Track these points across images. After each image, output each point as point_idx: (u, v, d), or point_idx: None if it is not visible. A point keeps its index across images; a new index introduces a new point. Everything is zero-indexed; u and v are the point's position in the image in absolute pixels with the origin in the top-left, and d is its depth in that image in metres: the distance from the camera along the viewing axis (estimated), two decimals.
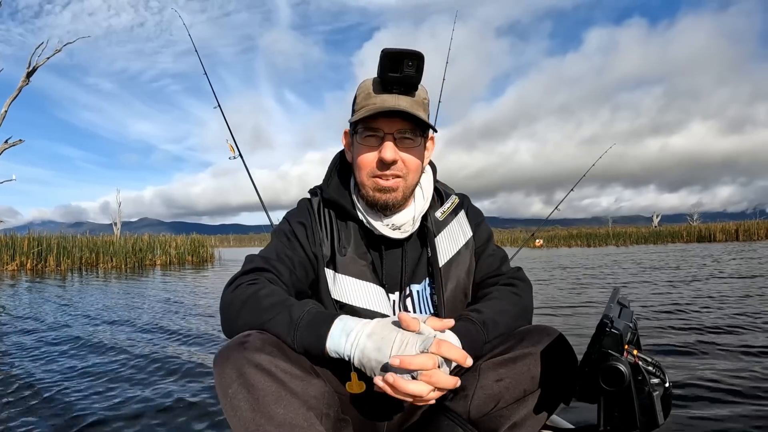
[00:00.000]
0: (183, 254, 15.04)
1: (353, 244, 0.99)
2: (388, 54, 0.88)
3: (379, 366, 0.75)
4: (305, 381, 0.77)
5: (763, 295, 4.69)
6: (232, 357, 0.75)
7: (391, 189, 0.95)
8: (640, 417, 0.72)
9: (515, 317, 0.93)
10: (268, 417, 0.72)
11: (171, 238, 15.63)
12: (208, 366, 2.47)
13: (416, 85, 0.92)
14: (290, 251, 0.97)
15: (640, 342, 0.82)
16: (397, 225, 0.99)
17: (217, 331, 3.45)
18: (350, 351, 0.77)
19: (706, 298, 4.52)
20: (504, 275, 1.03)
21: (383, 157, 0.92)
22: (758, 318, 3.43)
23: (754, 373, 2.12)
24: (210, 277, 9.63)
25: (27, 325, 3.85)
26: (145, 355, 2.76)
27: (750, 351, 2.53)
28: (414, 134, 0.94)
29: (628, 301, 0.87)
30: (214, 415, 1.79)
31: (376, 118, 0.92)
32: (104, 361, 2.67)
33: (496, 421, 0.84)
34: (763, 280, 5.96)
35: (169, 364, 2.55)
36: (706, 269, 7.97)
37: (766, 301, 4.26)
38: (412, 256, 1.02)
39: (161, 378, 2.32)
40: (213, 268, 12.30)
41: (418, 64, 0.88)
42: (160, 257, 14.40)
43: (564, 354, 0.84)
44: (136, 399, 1.99)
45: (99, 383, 2.23)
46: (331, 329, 0.78)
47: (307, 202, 1.06)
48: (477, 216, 1.09)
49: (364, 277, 0.96)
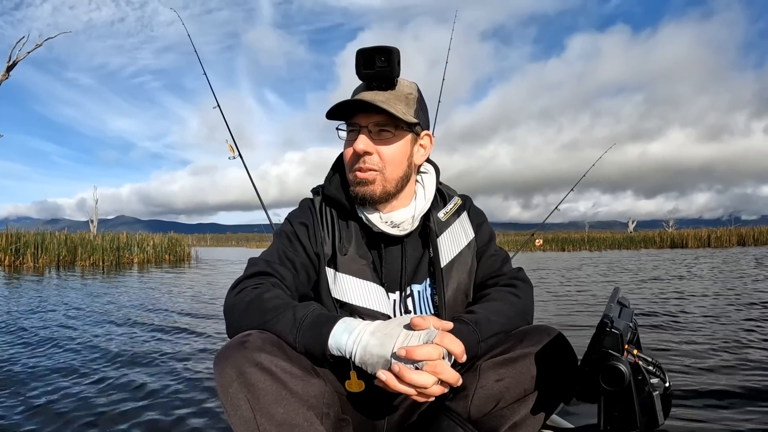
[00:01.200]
0: (160, 253, 14.93)
1: (354, 243, 0.99)
2: (362, 52, 0.92)
3: (381, 362, 0.76)
4: (305, 381, 0.77)
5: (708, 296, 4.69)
6: (233, 356, 0.75)
7: (367, 181, 0.96)
8: (641, 417, 0.72)
9: (512, 317, 0.93)
10: (269, 416, 0.72)
11: (148, 236, 15.52)
12: (206, 364, 2.48)
13: (392, 79, 0.94)
14: (292, 253, 0.98)
15: (640, 342, 0.82)
16: (396, 222, 0.99)
17: (209, 330, 3.45)
18: (352, 347, 0.77)
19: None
20: (504, 276, 1.03)
21: (354, 148, 0.95)
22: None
23: (755, 371, 2.12)
24: (189, 275, 9.57)
25: (25, 324, 3.84)
26: (145, 354, 2.76)
27: (746, 355, 2.53)
28: (393, 128, 0.95)
29: (628, 300, 0.87)
30: (215, 415, 1.79)
31: (356, 113, 0.95)
32: (100, 359, 2.67)
33: (497, 420, 0.84)
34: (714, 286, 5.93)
35: (168, 363, 2.55)
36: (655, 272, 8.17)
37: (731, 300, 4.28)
38: (413, 255, 1.03)
39: (159, 377, 2.32)
40: (190, 267, 12.30)
41: (390, 58, 0.91)
42: (138, 255, 14.25)
43: (564, 354, 0.84)
44: (134, 398, 1.99)
45: (89, 381, 2.23)
46: (334, 328, 0.79)
47: (309, 201, 1.07)
48: (479, 216, 1.10)
49: (365, 276, 0.96)
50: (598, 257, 15.69)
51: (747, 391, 1.89)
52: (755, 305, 4.18)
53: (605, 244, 24.87)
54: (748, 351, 2.57)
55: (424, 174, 1.07)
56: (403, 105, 0.95)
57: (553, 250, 23.39)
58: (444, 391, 0.77)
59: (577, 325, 3.60)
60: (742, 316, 3.65)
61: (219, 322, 3.84)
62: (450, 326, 0.83)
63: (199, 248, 20.61)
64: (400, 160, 0.98)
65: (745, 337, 2.93)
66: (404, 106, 0.95)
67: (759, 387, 1.93)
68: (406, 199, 1.02)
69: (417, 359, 0.74)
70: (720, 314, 3.79)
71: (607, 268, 10.19)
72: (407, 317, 0.82)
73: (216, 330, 3.54)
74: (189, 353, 2.83)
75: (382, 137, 0.96)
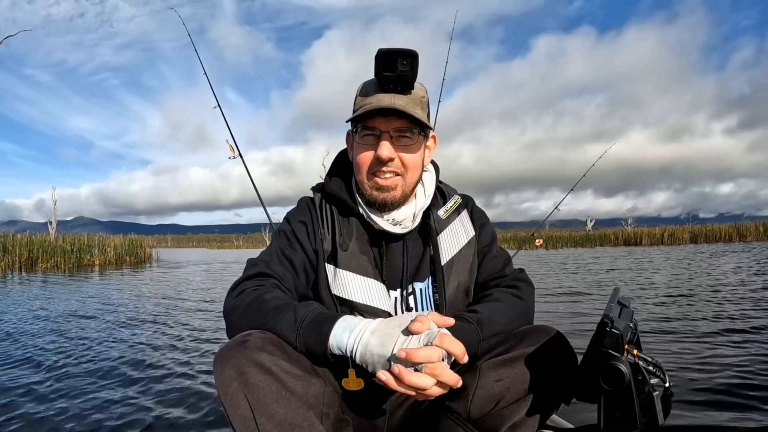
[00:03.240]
0: (122, 254, 14.83)
1: (355, 239, 0.99)
2: (383, 53, 0.89)
3: (381, 361, 0.76)
4: (305, 381, 0.77)
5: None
6: (233, 356, 0.75)
7: (390, 188, 0.96)
8: (641, 417, 0.72)
9: (514, 318, 0.93)
10: (268, 416, 0.72)
11: (109, 238, 15.44)
12: (205, 362, 2.48)
13: (412, 83, 0.93)
14: (291, 252, 0.98)
15: (641, 342, 0.82)
16: (397, 220, 0.99)
17: (200, 330, 3.45)
18: (353, 346, 0.77)
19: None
20: (506, 277, 1.03)
21: (379, 155, 0.93)
22: None
23: (754, 370, 2.12)
24: (153, 276, 9.51)
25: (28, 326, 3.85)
26: (143, 354, 2.76)
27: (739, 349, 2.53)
28: (412, 133, 0.95)
29: (629, 301, 0.87)
30: (215, 414, 1.79)
31: (374, 117, 0.93)
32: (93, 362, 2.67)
33: (497, 420, 0.84)
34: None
35: (167, 363, 2.55)
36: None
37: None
38: (414, 253, 1.03)
39: (156, 379, 2.32)
40: (151, 268, 12.26)
41: (412, 62, 0.90)
42: (99, 257, 14.14)
43: (564, 354, 0.84)
44: (134, 397, 1.99)
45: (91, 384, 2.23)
46: (335, 326, 0.79)
47: (307, 199, 1.07)
48: (482, 217, 1.10)
49: (365, 273, 0.96)
50: (555, 254, 15.99)
51: (748, 390, 1.89)
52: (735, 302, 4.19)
53: (562, 242, 25.27)
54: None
55: (425, 172, 1.07)
56: (420, 109, 0.95)
57: (510, 249, 23.89)
58: (443, 391, 0.77)
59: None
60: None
61: (204, 320, 3.84)
62: (451, 322, 0.83)
63: (160, 249, 20.53)
64: (419, 164, 0.99)
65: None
66: (421, 111, 0.95)
67: (759, 385, 1.93)
68: (408, 199, 1.02)
69: (417, 362, 0.74)
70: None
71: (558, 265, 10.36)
72: (408, 315, 0.82)
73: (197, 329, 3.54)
74: (189, 354, 2.83)
75: (402, 143, 0.95)
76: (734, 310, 3.78)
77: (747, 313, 3.59)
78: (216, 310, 4.61)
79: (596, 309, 4.14)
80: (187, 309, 4.73)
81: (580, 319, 3.70)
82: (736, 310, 3.74)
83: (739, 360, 2.33)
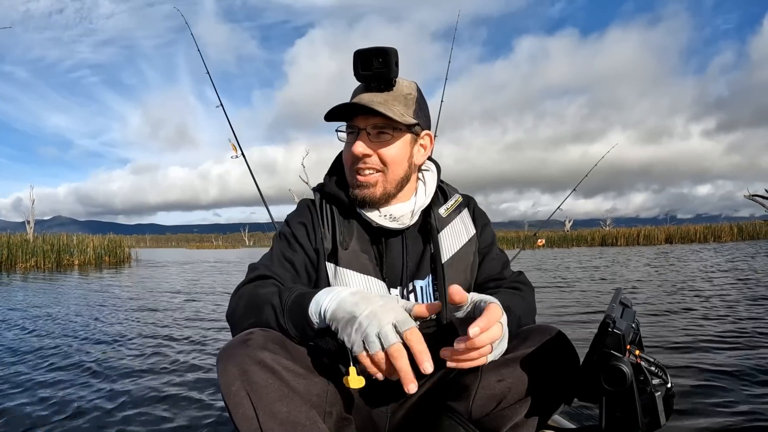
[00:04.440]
0: (101, 254, 14.69)
1: (355, 238, 1.00)
2: (358, 53, 0.93)
3: (348, 318, 0.71)
4: (308, 379, 0.77)
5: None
6: (235, 355, 0.75)
7: (368, 184, 0.97)
8: (642, 417, 0.72)
9: (527, 313, 0.94)
10: (271, 415, 0.72)
11: (88, 237, 15.28)
12: (205, 361, 2.48)
13: (389, 80, 0.94)
14: (291, 254, 0.98)
15: (642, 342, 0.82)
16: (395, 216, 1.00)
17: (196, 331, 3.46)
18: (328, 304, 0.74)
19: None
20: (506, 279, 1.04)
21: (352, 151, 0.95)
22: None
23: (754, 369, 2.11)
24: (134, 276, 9.43)
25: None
26: (149, 351, 2.77)
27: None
28: (392, 129, 0.95)
29: (631, 301, 0.87)
30: (216, 413, 1.79)
31: (356, 115, 0.95)
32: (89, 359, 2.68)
33: (498, 420, 0.84)
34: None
35: (165, 360, 2.56)
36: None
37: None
38: (415, 251, 1.03)
39: (155, 379, 2.33)
40: (131, 268, 12.20)
41: (387, 59, 0.91)
42: (78, 257, 14.00)
43: (566, 354, 0.84)
44: (133, 396, 2.00)
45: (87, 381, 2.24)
46: (316, 295, 0.77)
47: (308, 200, 1.08)
48: (483, 218, 1.11)
49: (366, 271, 0.97)
50: (531, 254, 16.09)
51: (749, 391, 1.88)
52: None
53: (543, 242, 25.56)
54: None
55: (426, 171, 1.08)
56: (402, 106, 0.95)
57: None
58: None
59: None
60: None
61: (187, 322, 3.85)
62: (462, 295, 0.78)
63: (139, 249, 20.44)
64: (400, 161, 0.98)
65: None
66: (402, 107, 0.96)
67: (759, 386, 1.93)
68: (406, 196, 1.03)
69: (482, 343, 0.70)
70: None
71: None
72: (398, 298, 0.83)
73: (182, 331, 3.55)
74: (187, 353, 2.84)
75: (381, 139, 0.96)
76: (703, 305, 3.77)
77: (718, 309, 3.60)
78: (200, 309, 4.62)
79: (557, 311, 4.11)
80: (175, 308, 4.75)
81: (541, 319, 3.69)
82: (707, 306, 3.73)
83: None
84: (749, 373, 2.10)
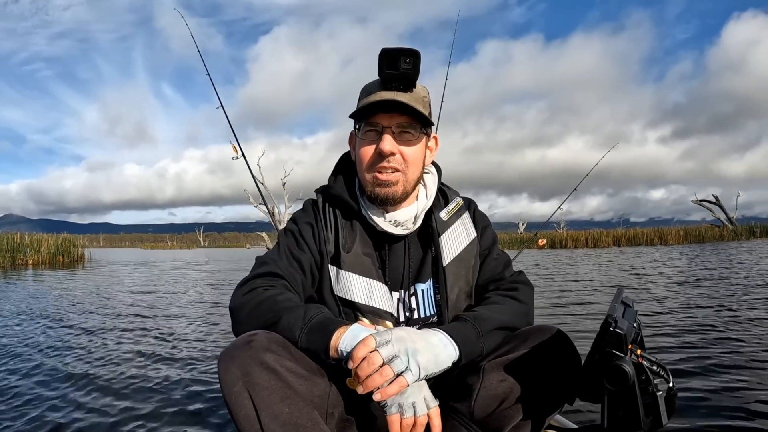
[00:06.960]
0: (55, 254, 14.50)
1: (358, 241, 1.00)
2: (386, 52, 0.92)
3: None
4: (310, 381, 0.77)
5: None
6: (238, 356, 0.75)
7: (390, 183, 0.97)
8: (644, 417, 0.72)
9: (512, 316, 0.94)
10: (273, 416, 0.73)
11: (42, 236, 15.11)
12: (205, 359, 2.48)
13: (413, 81, 0.95)
14: (299, 253, 0.99)
15: (644, 342, 0.82)
16: (399, 221, 1.00)
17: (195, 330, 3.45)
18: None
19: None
20: (506, 280, 1.04)
21: (381, 149, 0.94)
22: None
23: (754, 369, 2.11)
24: (90, 277, 9.20)
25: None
26: (147, 352, 2.77)
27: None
28: (413, 129, 0.96)
29: (632, 300, 0.87)
30: (217, 413, 1.79)
31: (376, 113, 0.95)
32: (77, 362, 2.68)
33: (500, 420, 0.85)
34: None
35: (165, 362, 2.55)
36: None
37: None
38: (416, 255, 1.03)
39: (155, 378, 2.32)
40: (85, 269, 11.96)
41: (415, 60, 0.92)
42: (32, 257, 13.84)
43: (567, 354, 0.84)
44: (134, 396, 2.00)
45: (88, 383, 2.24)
46: (343, 330, 0.80)
47: (311, 201, 1.08)
48: (484, 220, 1.11)
49: (368, 275, 0.97)
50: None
51: (749, 390, 1.88)
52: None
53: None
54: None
55: (426, 174, 1.08)
56: (421, 107, 0.96)
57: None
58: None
59: None
60: None
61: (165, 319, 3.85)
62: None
63: (92, 249, 20.23)
64: (420, 161, 1.00)
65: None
66: (422, 108, 0.96)
67: (760, 383, 1.93)
68: (411, 199, 1.03)
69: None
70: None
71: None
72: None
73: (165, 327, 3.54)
74: (189, 351, 2.84)
75: (404, 138, 0.96)
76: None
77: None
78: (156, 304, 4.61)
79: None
80: (158, 308, 4.74)
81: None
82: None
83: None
84: (750, 374, 2.10)
